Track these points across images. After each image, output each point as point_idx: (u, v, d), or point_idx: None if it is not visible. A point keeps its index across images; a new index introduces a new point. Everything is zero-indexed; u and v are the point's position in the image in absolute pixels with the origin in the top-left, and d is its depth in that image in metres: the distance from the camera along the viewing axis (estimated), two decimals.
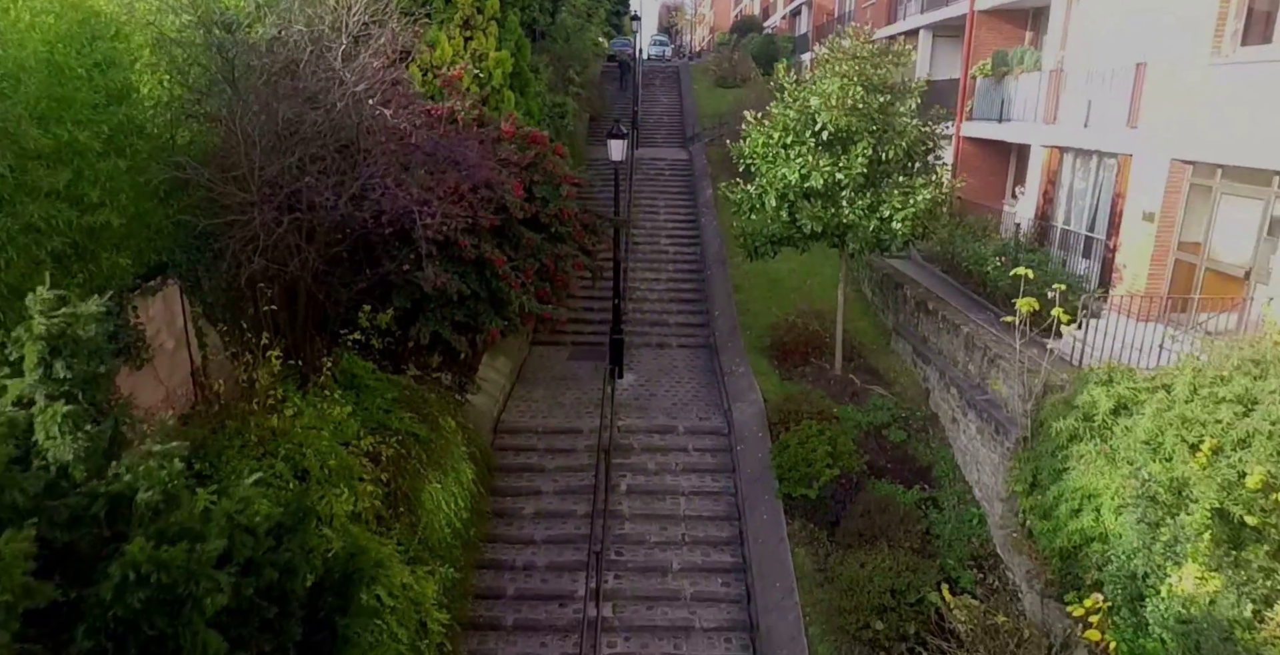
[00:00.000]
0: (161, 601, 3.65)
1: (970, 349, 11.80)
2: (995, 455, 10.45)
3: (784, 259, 18.35)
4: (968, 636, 8.55)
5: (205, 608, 3.72)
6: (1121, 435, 8.11)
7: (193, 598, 3.70)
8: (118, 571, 3.60)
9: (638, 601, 10.56)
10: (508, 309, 11.80)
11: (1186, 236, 11.65)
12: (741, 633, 10.16)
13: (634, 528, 11.62)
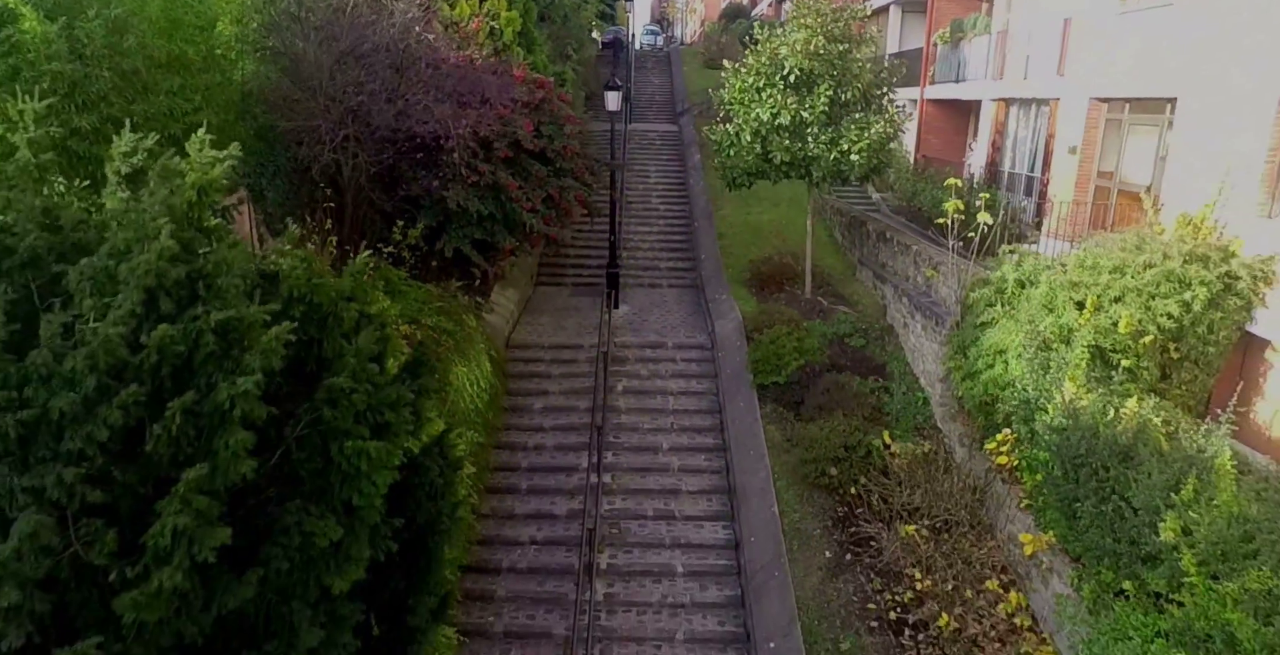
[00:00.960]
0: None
1: (918, 264, 13.65)
2: (935, 345, 12.30)
3: (763, 211, 20.29)
4: (904, 474, 10.40)
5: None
6: (1024, 301, 9.96)
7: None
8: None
9: (633, 472, 12.36)
10: (519, 229, 13.60)
11: (1104, 166, 13.52)
12: (721, 495, 11.97)
13: (629, 418, 13.42)
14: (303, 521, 4.82)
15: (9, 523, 4.01)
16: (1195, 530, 6.48)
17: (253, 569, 4.69)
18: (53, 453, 4.09)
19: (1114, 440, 7.97)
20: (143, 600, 4.10)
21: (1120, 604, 7.34)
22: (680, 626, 10.01)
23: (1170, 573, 6.66)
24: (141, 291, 4.39)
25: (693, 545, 11.12)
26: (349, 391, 5.12)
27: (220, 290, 4.63)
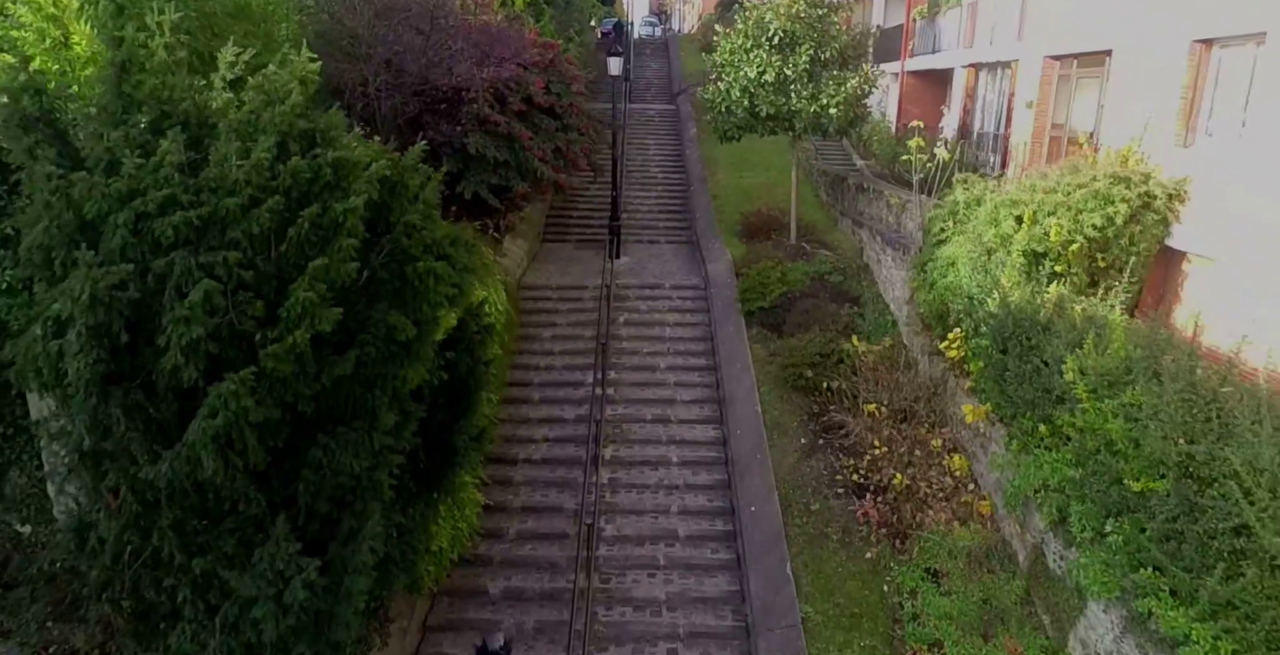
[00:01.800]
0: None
1: (890, 207, 15.22)
2: (902, 273, 13.85)
3: (754, 176, 21.83)
4: (870, 373, 11.95)
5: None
6: (972, 219, 11.52)
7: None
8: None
9: (633, 386, 13.91)
10: (531, 176, 15.14)
11: (1056, 119, 15.08)
12: (712, 404, 13.52)
13: (630, 344, 14.97)
14: (387, 318, 6.36)
15: (185, 294, 5.55)
16: (1088, 369, 8.03)
17: (351, 350, 6.23)
18: (219, 242, 5.63)
19: (1036, 316, 9.54)
20: (280, 353, 5.63)
21: (1038, 450, 8.89)
22: (674, 502, 11.56)
23: (1071, 409, 8.21)
24: (276, 135, 5.94)
25: (686, 441, 12.67)
26: (419, 227, 6.67)
27: (332, 140, 6.17)
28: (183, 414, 5.86)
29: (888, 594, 9.37)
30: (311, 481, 6.38)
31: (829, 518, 10.45)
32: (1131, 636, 7.23)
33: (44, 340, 5.50)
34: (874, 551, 9.88)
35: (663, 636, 9.70)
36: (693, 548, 10.86)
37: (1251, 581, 5.96)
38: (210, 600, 6.46)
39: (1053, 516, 8.23)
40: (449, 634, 9.75)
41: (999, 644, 8.46)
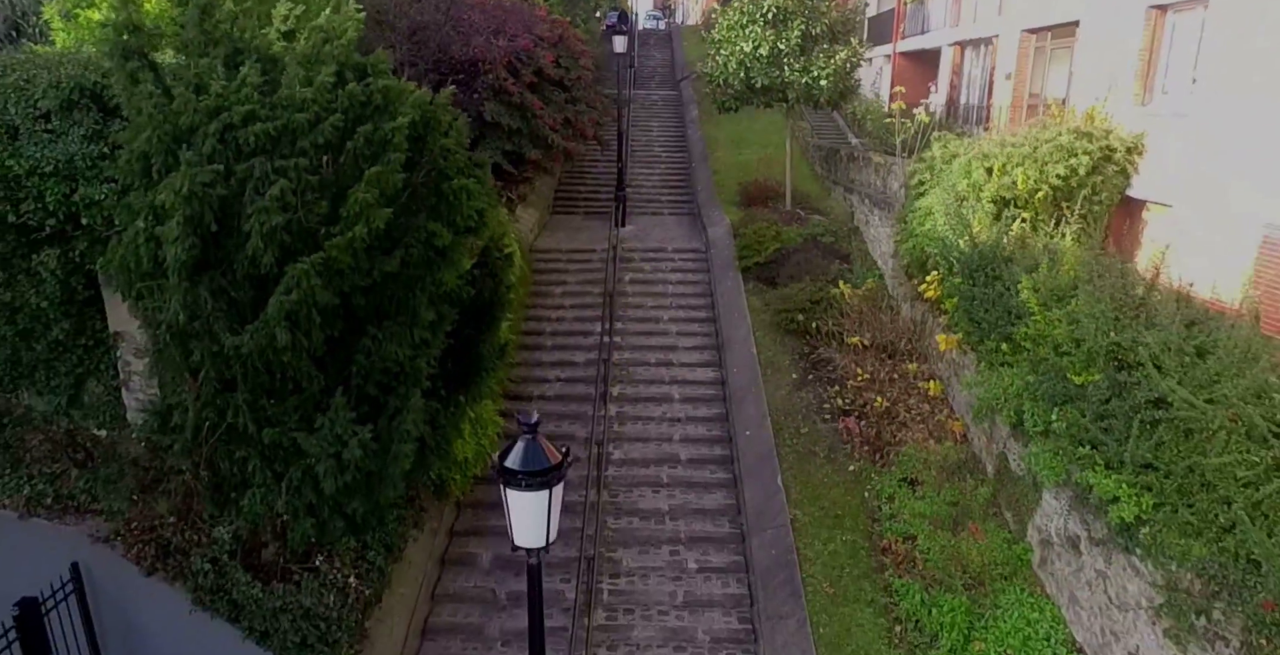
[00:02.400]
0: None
1: (878, 172, 16.26)
2: (887, 230, 14.90)
3: (752, 153, 22.87)
4: (856, 314, 13.00)
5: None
6: (948, 172, 12.57)
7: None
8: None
9: (638, 335, 14.97)
10: (542, 143, 16.23)
11: (1033, 89, 16.13)
12: (712, 350, 14.58)
13: (635, 300, 16.04)
14: (427, 226, 7.44)
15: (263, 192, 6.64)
16: (1040, 287, 9.08)
17: (397, 251, 7.31)
18: (290, 151, 6.72)
19: (1001, 250, 10.58)
20: (341, 244, 6.71)
21: (1000, 368, 9.93)
22: (677, 431, 12.63)
23: (1026, 323, 9.25)
24: (335, 65, 7.03)
25: (687, 381, 13.74)
26: (453, 150, 7.75)
27: (381, 72, 7.26)
28: (256, 301, 6.95)
29: (868, 499, 10.42)
30: (363, 366, 7.47)
31: (816, 438, 11.51)
32: (1075, 513, 8.28)
33: (147, 231, 6.60)
34: (856, 465, 10.93)
35: (665, 541, 10.77)
36: (693, 469, 11.93)
37: (1167, 444, 7.00)
38: (276, 468, 7.55)
39: (1012, 419, 9.26)
40: (473, 538, 10.83)
41: (966, 536, 9.51)
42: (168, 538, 8.13)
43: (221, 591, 7.95)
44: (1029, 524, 9.35)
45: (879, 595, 9.09)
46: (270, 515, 7.66)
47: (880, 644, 8.54)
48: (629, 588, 10.16)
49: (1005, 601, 8.67)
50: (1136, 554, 7.22)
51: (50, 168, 7.56)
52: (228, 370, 7.25)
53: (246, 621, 8.01)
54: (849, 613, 8.93)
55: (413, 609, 9.51)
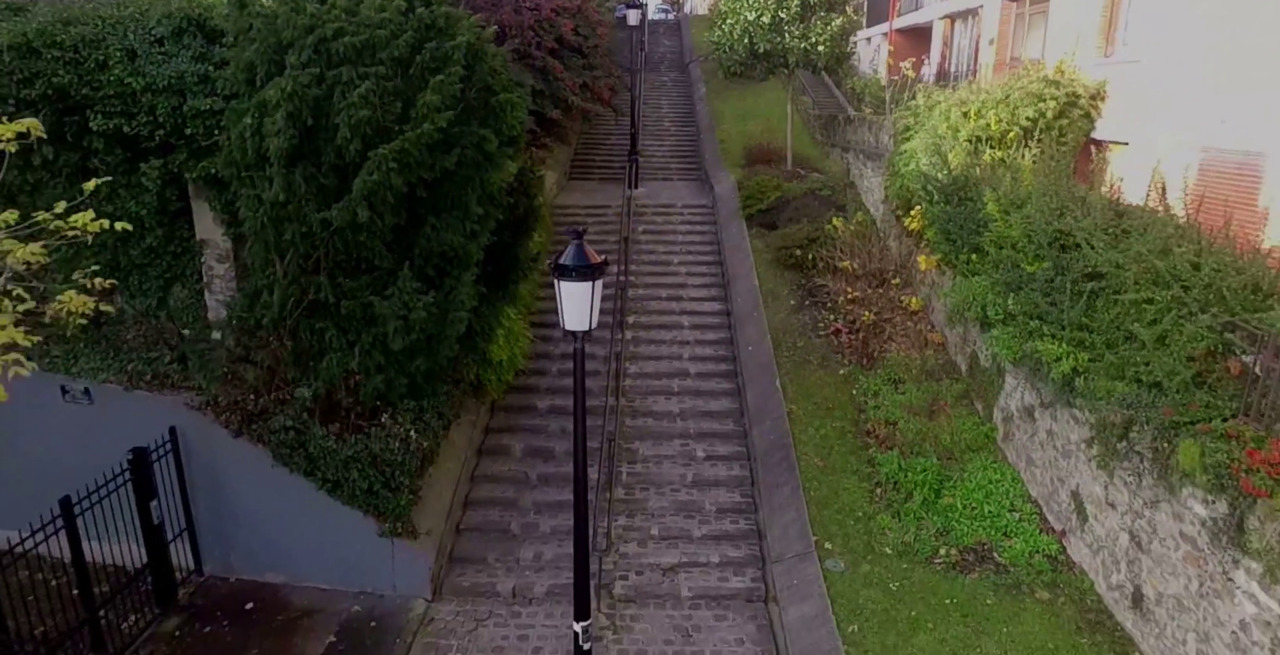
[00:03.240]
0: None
1: (870, 129, 17.66)
2: (878, 179, 16.28)
3: (756, 124, 24.23)
4: (848, 246, 14.39)
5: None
6: (930, 117, 13.95)
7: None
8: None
9: (651, 275, 16.36)
10: (563, 104, 17.67)
11: (1014, 53, 17.49)
12: (718, 287, 15.97)
13: (648, 247, 17.44)
14: (478, 131, 8.87)
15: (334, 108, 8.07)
16: (1002, 199, 10.46)
17: (454, 150, 8.74)
18: (371, 61, 8.15)
19: (973, 177, 11.96)
20: (412, 138, 8.13)
21: (970, 277, 11.29)
22: (686, 351, 14.03)
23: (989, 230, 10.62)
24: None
25: (695, 312, 15.14)
26: (499, 71, 9.19)
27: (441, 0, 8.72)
28: (340, 188, 8.38)
29: (855, 396, 11.81)
30: (424, 249, 8.91)
31: (811, 350, 12.90)
32: (1029, 384, 9.67)
33: (253, 126, 8.04)
34: (846, 370, 12.33)
35: (677, 436, 12.17)
36: (700, 381, 13.32)
37: (1098, 308, 8.38)
38: (350, 337, 9.01)
39: (979, 314, 10.63)
40: (506, 434, 12.25)
41: (940, 420, 10.89)
42: (252, 406, 9.56)
43: (299, 447, 9.38)
44: (994, 407, 10.74)
45: (863, 466, 10.47)
46: (344, 376, 9.09)
47: (863, 501, 9.92)
48: (645, 471, 11.57)
49: (971, 468, 10.06)
50: (1075, 405, 8.60)
51: (163, 84, 8.99)
52: (313, 250, 8.70)
53: (320, 473, 9.45)
54: (836, 480, 10.32)
55: (456, 484, 10.92)
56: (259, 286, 9.16)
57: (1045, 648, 7.62)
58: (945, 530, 9.25)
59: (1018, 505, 9.44)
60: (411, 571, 9.74)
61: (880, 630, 8.07)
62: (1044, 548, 8.86)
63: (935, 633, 7.92)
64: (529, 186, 10.99)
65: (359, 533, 9.64)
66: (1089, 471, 8.45)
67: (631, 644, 8.94)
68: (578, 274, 6.23)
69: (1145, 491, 7.46)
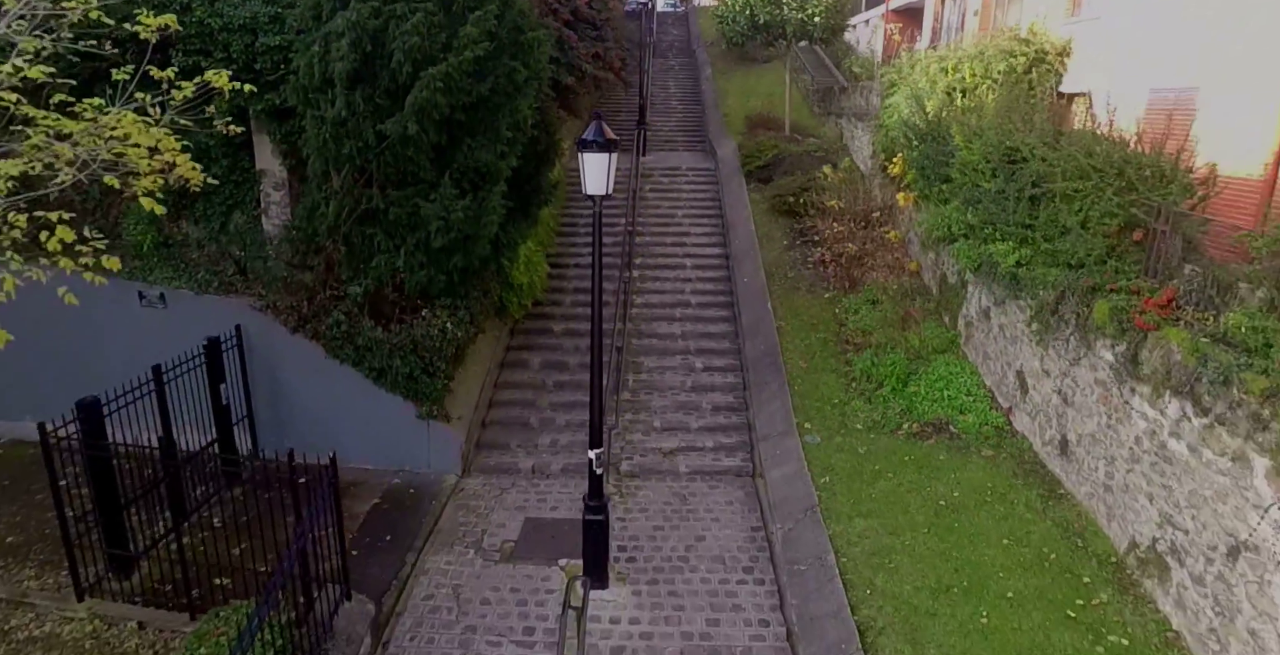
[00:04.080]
0: None
1: (861, 93, 19.06)
2: (866, 137, 17.68)
3: (758, 100, 25.67)
4: (834, 188, 15.79)
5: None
6: (912, 74, 15.35)
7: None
8: None
9: (656, 226, 17.78)
10: (577, 71, 19.13)
11: (996, 23, 18.86)
12: (718, 234, 17.37)
13: (654, 201, 18.87)
14: (508, 63, 10.32)
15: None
16: (966, 132, 11.85)
17: (488, 79, 10.19)
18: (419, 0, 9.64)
19: (946, 120, 13.34)
20: (455, 63, 9.58)
21: (941, 206, 12.67)
22: (688, 287, 15.45)
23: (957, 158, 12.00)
24: None
25: (697, 255, 16.56)
26: (526, 14, 10.65)
27: None
28: (392, 109, 9.82)
29: (838, 314, 13.21)
30: (460, 164, 10.36)
31: (799, 279, 14.31)
32: (985, 288, 11.05)
33: (319, 53, 9.51)
34: (830, 294, 13.73)
35: (678, 353, 13.59)
36: (700, 309, 14.74)
37: (1039, 208, 9.76)
38: (395, 242, 10.45)
39: (945, 233, 12.01)
40: (524, 351, 13.69)
41: (912, 331, 12.27)
42: (306, 309, 11.02)
43: (349, 340, 10.84)
44: (958, 317, 12.12)
45: (841, 366, 11.88)
46: (391, 274, 10.54)
47: (839, 391, 11.32)
48: (649, 379, 13.00)
49: (935, 364, 11.44)
50: (1020, 297, 9.98)
51: (238, 23, 10.49)
52: (367, 164, 10.15)
53: (367, 363, 10.90)
54: (817, 377, 11.72)
55: (481, 386, 12.37)
56: (316, 200, 10.62)
57: (985, 487, 8.99)
58: (909, 410, 10.63)
59: (973, 391, 10.81)
60: (445, 451, 11.19)
61: (848, 480, 9.46)
62: (992, 421, 10.23)
63: (894, 480, 9.31)
64: (549, 125, 12.45)
65: (400, 417, 11.09)
66: (1030, 350, 9.82)
67: (636, 505, 10.36)
68: (597, 146, 7.65)
69: (1070, 353, 8.84)
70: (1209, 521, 6.59)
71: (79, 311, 11.40)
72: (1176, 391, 7.02)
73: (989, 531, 8.27)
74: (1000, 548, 8.02)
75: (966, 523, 8.43)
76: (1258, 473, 6.06)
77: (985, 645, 6.88)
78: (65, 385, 10.00)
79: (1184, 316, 7.33)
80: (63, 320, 11.06)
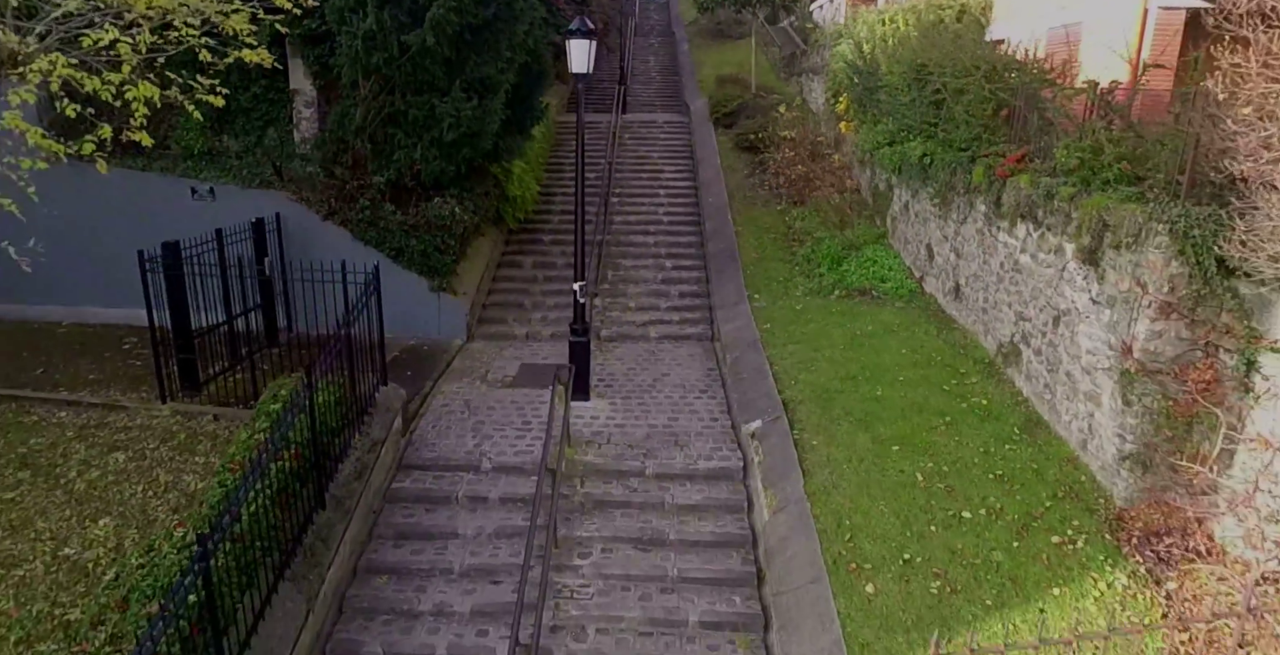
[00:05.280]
0: None
1: (817, 52, 21.34)
2: (819, 87, 19.94)
3: (729, 68, 27.91)
4: (788, 123, 18.03)
5: None
6: (856, 26, 17.62)
7: None
8: None
9: (633, 165, 19.91)
10: None
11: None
12: (690, 172, 19.56)
13: (632, 146, 21.02)
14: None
15: None
16: (891, 60, 14.09)
17: (491, 5, 12.29)
18: None
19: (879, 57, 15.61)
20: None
21: (873, 126, 14.90)
22: (661, 209, 17.61)
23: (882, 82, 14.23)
24: None
25: (669, 186, 18.71)
26: None
27: None
28: (413, 25, 11.90)
29: (786, 221, 15.43)
30: (468, 76, 12.45)
31: (756, 199, 16.53)
32: (905, 188, 13.28)
33: None
34: (782, 207, 15.96)
35: (651, 256, 15.73)
36: (671, 226, 16.90)
37: (941, 111, 11.99)
38: (413, 140, 12.53)
39: (874, 144, 14.24)
40: (518, 254, 15.78)
41: (847, 230, 14.48)
42: (334, 201, 13.06)
43: (373, 223, 12.88)
44: (887, 216, 14.36)
45: (787, 256, 14.09)
46: (409, 165, 12.61)
47: (784, 272, 13.52)
48: (626, 274, 15.13)
49: (865, 250, 13.67)
50: (928, 184, 12.20)
51: None
52: (392, 73, 12.23)
53: (388, 243, 12.95)
54: (767, 264, 13.91)
55: (481, 277, 14.43)
56: (346, 107, 12.68)
57: (894, 323, 11.20)
58: (840, 282, 12.84)
59: (894, 267, 13.04)
60: (453, 320, 13.26)
61: (785, 325, 11.63)
62: (908, 286, 12.45)
63: (821, 323, 11.49)
64: (540, 54, 14.57)
65: (415, 291, 13.14)
66: (935, 225, 12.05)
67: (613, 357, 12.48)
68: (580, 34, 9.72)
69: (959, 215, 11.07)
70: (1043, 305, 8.82)
71: (137, 206, 13.45)
72: (1023, 216, 9.25)
73: (893, 348, 10.47)
74: (899, 355, 10.22)
75: (876, 344, 10.62)
76: (1069, 256, 8.28)
77: (878, 406, 9.05)
78: (123, 274, 11.92)
79: (1032, 167, 9.55)
80: (123, 215, 13.06)
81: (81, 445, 9.32)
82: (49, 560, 7.14)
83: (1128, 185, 7.69)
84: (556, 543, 8.14)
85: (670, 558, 8.14)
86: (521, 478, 9.07)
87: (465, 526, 8.49)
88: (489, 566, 8.03)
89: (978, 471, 7.84)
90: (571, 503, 8.76)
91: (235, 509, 6.09)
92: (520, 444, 9.70)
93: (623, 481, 9.08)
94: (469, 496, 8.85)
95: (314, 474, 7.68)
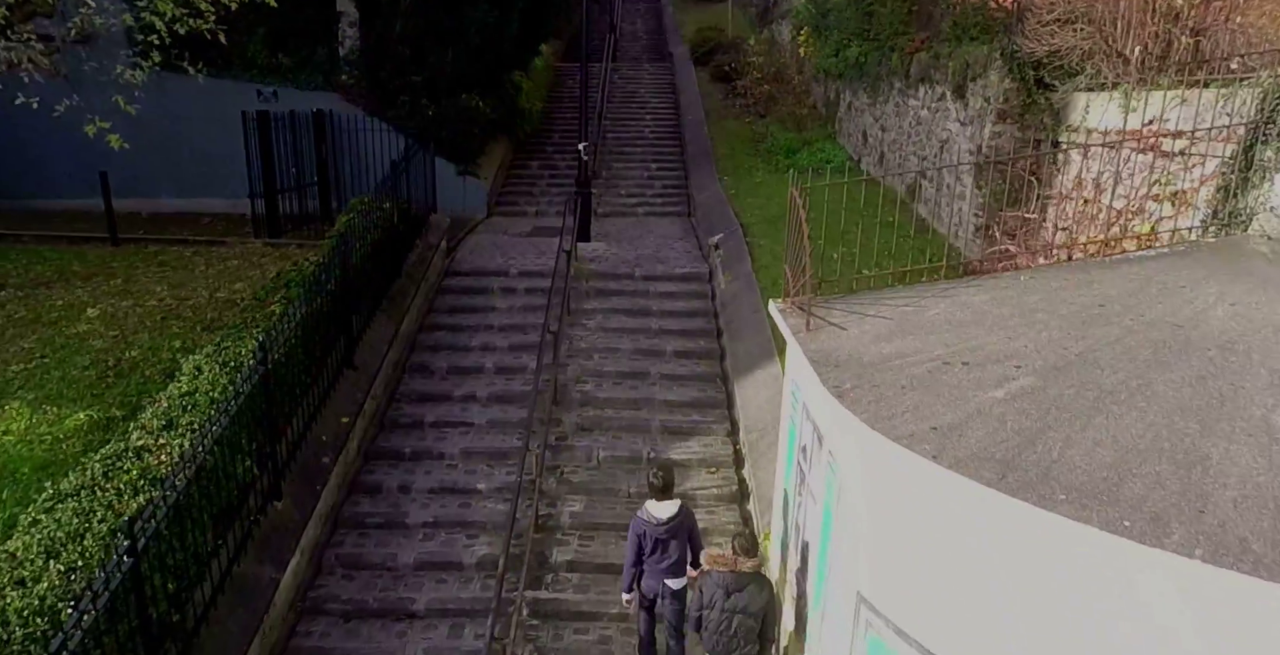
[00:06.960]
0: None
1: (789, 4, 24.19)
2: (787, 28, 22.80)
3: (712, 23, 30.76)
4: (756, 53, 20.90)
5: None
6: None
7: None
8: None
9: (624, 100, 22.76)
10: None
11: None
12: (672, 101, 22.40)
13: (622, 85, 23.81)
14: None
15: None
16: None
17: None
18: None
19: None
20: None
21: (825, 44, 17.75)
22: (647, 129, 20.48)
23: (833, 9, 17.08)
24: None
25: (655, 113, 21.57)
26: None
27: None
28: None
29: (753, 130, 18.31)
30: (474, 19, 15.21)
31: (728, 115, 19.42)
32: (849, 91, 16.17)
33: None
34: (749, 119, 18.84)
35: (638, 162, 18.60)
36: (655, 141, 19.77)
37: (871, 18, 14.84)
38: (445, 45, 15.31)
39: (825, 54, 17.09)
40: (527, 160, 18.62)
41: (803, 132, 17.35)
42: (378, 98, 15.80)
43: (410, 116, 15.63)
44: (836, 120, 17.26)
45: (751, 153, 16.98)
46: (440, 67, 15.38)
47: (749, 163, 16.41)
48: (618, 174, 18.02)
49: (815, 145, 16.55)
50: (863, 82, 15.08)
51: None
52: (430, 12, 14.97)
53: (423, 133, 15.72)
54: (735, 159, 16.79)
55: (496, 172, 17.21)
56: (389, 18, 15.44)
57: None
58: (794, 164, 15.65)
59: (839, 156, 15.93)
60: (475, 199, 16.05)
61: (747, 192, 14.53)
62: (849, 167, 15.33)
63: (775, 186, 14.36)
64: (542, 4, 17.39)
65: (444, 175, 15.88)
66: (869, 113, 14.94)
67: (609, 225, 15.32)
68: None
69: (883, 98, 13.96)
70: (934, 141, 11.70)
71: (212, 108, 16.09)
72: (922, 80, 12.14)
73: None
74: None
75: (817, 199, 13.47)
76: (949, 99, 11.17)
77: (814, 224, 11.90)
78: (200, 168, 14.55)
79: (930, 47, 12.42)
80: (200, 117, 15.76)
81: (200, 259, 12.10)
82: (207, 296, 9.96)
83: (985, 38, 10.59)
84: (569, 311, 11.00)
85: (653, 321, 11.02)
86: (541, 279, 11.91)
87: (500, 304, 11.35)
88: (520, 324, 10.90)
89: (882, 253, 10.71)
90: (579, 291, 11.62)
91: (348, 257, 8.94)
92: (539, 262, 12.54)
93: (618, 281, 11.96)
94: (502, 288, 11.72)
95: (390, 252, 10.51)
